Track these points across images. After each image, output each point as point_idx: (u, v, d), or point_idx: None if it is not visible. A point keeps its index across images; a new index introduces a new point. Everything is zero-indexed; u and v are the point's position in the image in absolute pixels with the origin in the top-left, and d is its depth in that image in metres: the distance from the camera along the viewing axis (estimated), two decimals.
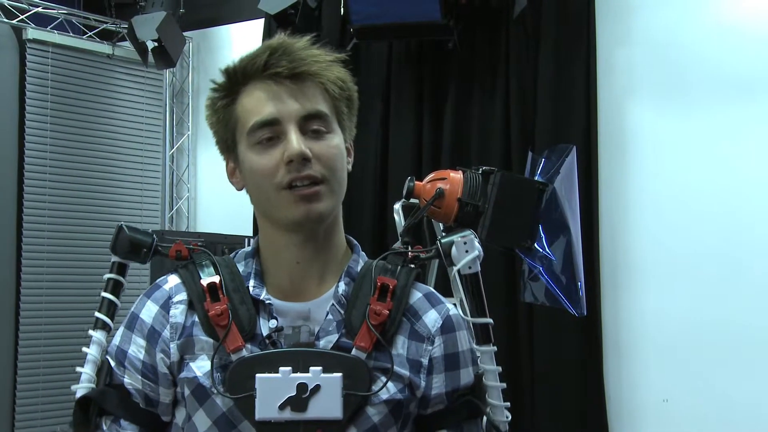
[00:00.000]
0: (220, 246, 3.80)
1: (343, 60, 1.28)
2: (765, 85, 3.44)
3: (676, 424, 3.53)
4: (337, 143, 1.24)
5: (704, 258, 3.50)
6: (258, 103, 1.22)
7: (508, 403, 1.29)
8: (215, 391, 1.20)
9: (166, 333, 1.25)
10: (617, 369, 3.72)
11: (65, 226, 4.87)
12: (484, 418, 1.30)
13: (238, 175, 1.29)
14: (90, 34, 5.07)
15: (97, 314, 1.29)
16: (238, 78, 1.24)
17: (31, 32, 4.77)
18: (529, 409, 3.78)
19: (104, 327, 1.28)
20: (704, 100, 3.58)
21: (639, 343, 3.67)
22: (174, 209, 5.43)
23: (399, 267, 1.29)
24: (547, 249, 2.57)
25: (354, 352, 1.21)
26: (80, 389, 1.25)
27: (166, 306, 1.27)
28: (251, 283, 1.27)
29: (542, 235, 2.58)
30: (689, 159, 3.59)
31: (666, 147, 3.66)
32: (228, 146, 1.28)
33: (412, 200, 2.62)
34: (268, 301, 1.25)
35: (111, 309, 1.30)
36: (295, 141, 1.19)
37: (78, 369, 1.27)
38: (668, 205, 3.62)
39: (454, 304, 1.34)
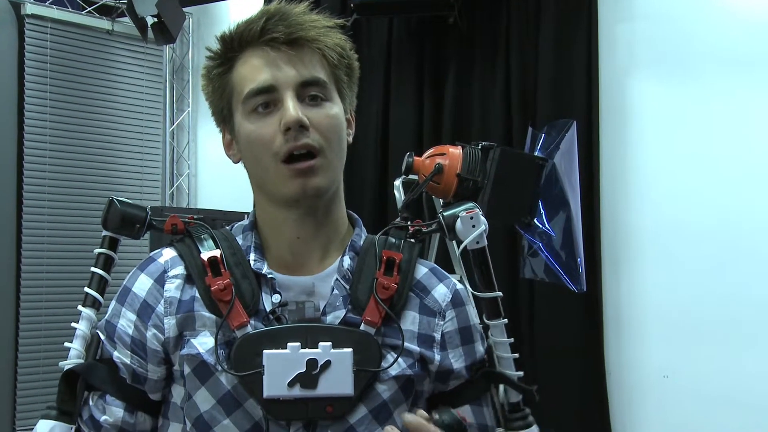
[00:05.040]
0: (220, 222, 3.79)
1: (342, 26, 1.24)
2: (766, 59, 3.41)
3: (677, 400, 3.53)
4: (336, 112, 1.21)
5: (706, 233, 3.49)
6: (254, 70, 1.18)
7: (521, 373, 1.30)
8: (220, 369, 1.16)
9: (160, 308, 1.21)
10: (617, 345, 3.71)
11: (65, 202, 4.86)
12: (500, 387, 1.30)
13: (234, 147, 1.26)
14: (89, 9, 5.03)
15: (86, 289, 1.26)
16: (234, 45, 1.21)
17: (30, 7, 4.74)
18: (529, 385, 3.78)
19: (94, 303, 1.25)
20: (706, 74, 3.55)
21: (639, 319, 3.67)
22: (174, 186, 5.42)
23: (402, 241, 1.27)
24: (546, 225, 2.57)
25: (363, 327, 1.18)
26: (68, 364, 1.23)
27: (160, 280, 1.23)
28: (252, 257, 1.23)
29: (542, 210, 2.58)
30: (691, 134, 3.57)
31: (667, 122, 3.64)
32: (224, 116, 1.25)
33: (411, 176, 2.61)
34: (270, 275, 1.21)
35: (101, 284, 1.27)
36: (292, 108, 1.15)
37: (66, 344, 1.24)
38: (669, 181, 3.61)
39: (459, 279, 1.33)
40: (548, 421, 3.75)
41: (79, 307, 1.25)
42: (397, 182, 2.77)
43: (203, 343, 1.18)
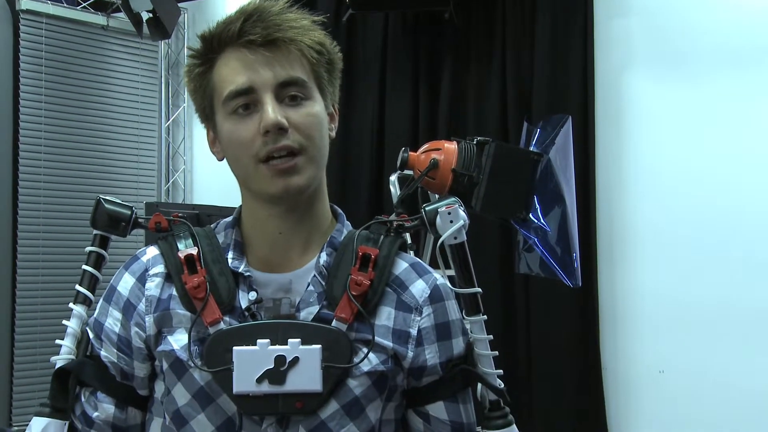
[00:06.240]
0: (216, 217, 3.79)
1: (321, 23, 1.24)
2: (763, 54, 3.41)
3: (672, 395, 3.54)
4: (316, 110, 1.21)
5: (702, 229, 3.49)
6: (232, 72, 1.19)
7: (501, 371, 1.28)
8: (192, 365, 1.18)
9: (142, 306, 1.24)
10: (613, 340, 3.72)
11: (61, 198, 4.85)
12: (479, 385, 1.29)
13: (218, 145, 1.27)
14: (84, 4, 5.01)
15: (77, 287, 1.28)
16: (213, 45, 1.21)
17: (25, 2, 4.72)
18: (525, 381, 3.79)
19: (85, 301, 1.28)
20: (702, 70, 3.55)
21: (635, 315, 3.67)
22: (170, 182, 5.41)
23: (382, 236, 1.27)
24: (542, 220, 2.57)
25: (334, 323, 1.18)
26: (59, 361, 1.26)
27: (142, 278, 1.25)
28: (230, 254, 1.24)
29: (537, 206, 2.57)
30: (687, 130, 3.57)
31: (663, 118, 3.64)
32: (206, 115, 1.26)
33: (406, 171, 2.61)
34: (247, 273, 1.22)
35: (92, 282, 1.29)
36: (270, 111, 1.16)
37: (58, 341, 1.28)
38: (665, 177, 3.61)
39: (442, 275, 1.32)
40: (544, 416, 3.76)
41: (71, 305, 1.28)
42: (393, 177, 2.77)
43: (178, 339, 1.21)
